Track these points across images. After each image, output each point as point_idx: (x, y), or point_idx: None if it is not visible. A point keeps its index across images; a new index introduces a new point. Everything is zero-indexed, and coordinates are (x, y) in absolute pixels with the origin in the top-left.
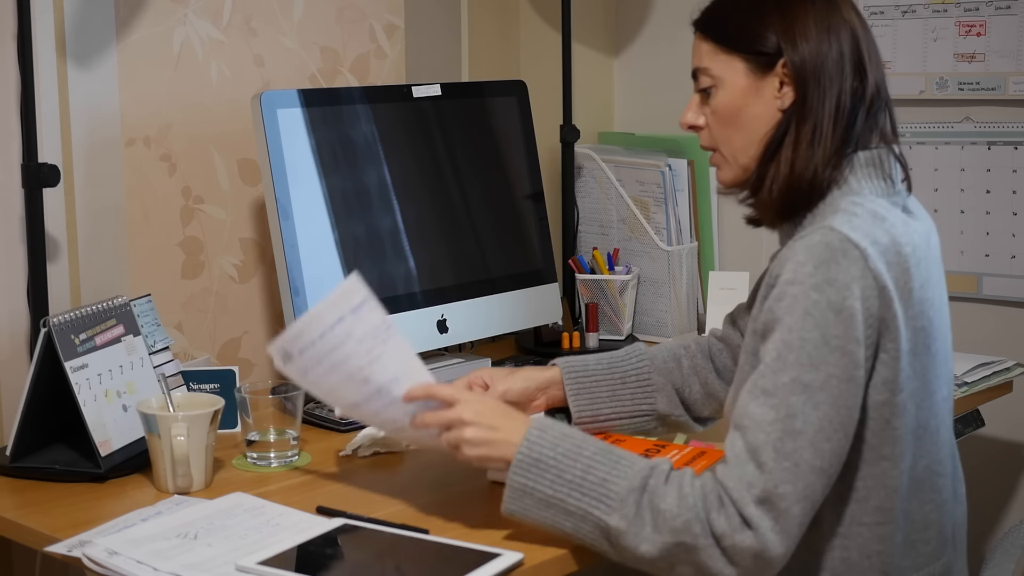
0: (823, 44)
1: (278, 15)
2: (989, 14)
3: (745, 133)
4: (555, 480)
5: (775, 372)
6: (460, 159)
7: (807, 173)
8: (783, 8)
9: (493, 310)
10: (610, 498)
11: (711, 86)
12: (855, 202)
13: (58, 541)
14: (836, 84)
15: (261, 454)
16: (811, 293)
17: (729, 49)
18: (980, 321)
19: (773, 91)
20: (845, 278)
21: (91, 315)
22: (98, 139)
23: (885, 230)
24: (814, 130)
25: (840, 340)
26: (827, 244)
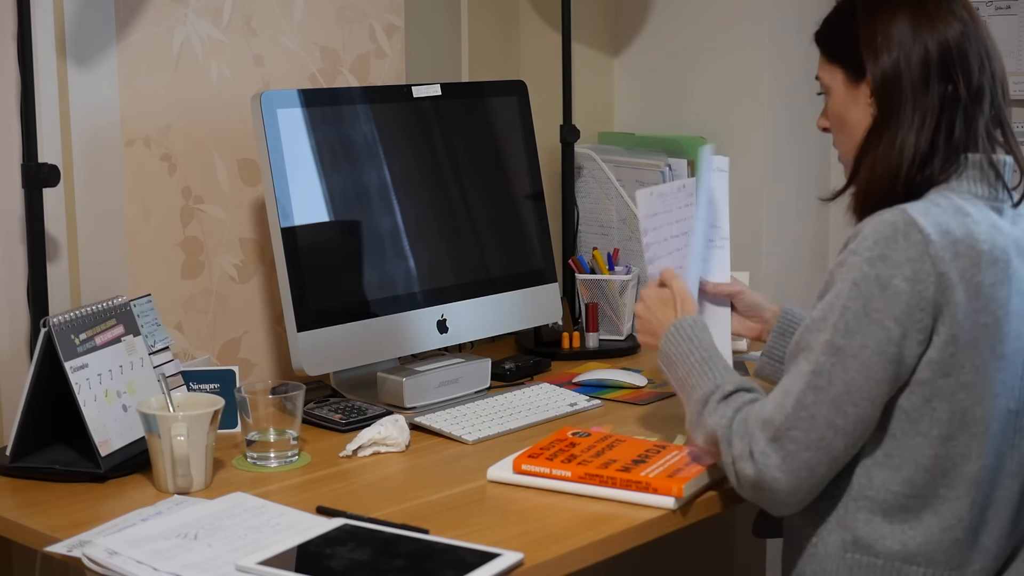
0: (906, 50)
1: (278, 15)
2: (989, 14)
3: (848, 137)
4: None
5: (814, 331)
6: (460, 159)
7: (888, 174)
8: (871, 20)
9: (493, 310)
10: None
11: (824, 93)
12: (944, 194)
13: (58, 541)
14: (920, 90)
15: (261, 454)
16: (863, 266)
17: (832, 60)
18: None
19: (866, 98)
20: (899, 258)
21: (91, 315)
22: (98, 139)
23: (963, 223)
24: (895, 136)
25: (880, 315)
26: (892, 223)
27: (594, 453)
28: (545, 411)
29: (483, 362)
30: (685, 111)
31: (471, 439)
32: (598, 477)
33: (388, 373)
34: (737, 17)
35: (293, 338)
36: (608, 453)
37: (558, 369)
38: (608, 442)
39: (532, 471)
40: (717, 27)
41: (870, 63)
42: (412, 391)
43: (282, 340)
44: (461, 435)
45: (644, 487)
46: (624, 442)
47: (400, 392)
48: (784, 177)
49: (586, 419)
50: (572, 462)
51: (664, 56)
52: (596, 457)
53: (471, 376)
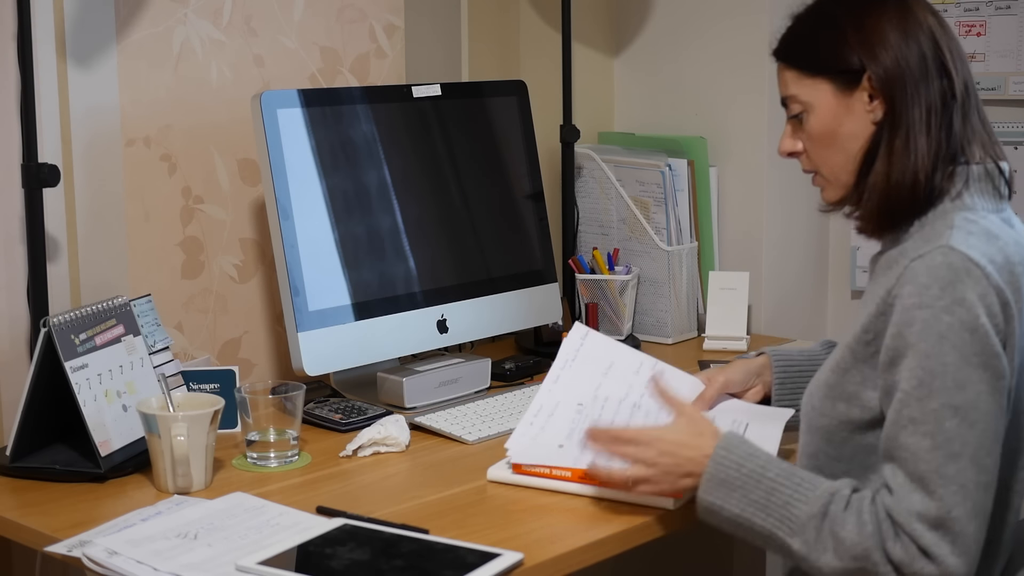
0: (903, 49)
1: (278, 15)
2: (989, 14)
3: (842, 152)
4: (741, 500)
5: (921, 400)
6: (460, 159)
7: (906, 180)
8: (858, 22)
9: (493, 310)
10: (792, 521)
11: (802, 112)
12: (968, 219)
13: (58, 541)
14: (923, 87)
15: (261, 454)
16: (943, 316)
17: (813, 73)
18: None
19: (863, 106)
20: (972, 296)
21: (91, 315)
22: (98, 139)
23: (999, 248)
24: (907, 137)
25: (980, 356)
26: (949, 265)
27: None
28: None
29: (483, 362)
30: (685, 111)
31: (471, 439)
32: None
33: (388, 373)
34: (737, 17)
35: (293, 338)
36: None
37: None
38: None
39: (532, 471)
40: (717, 27)
41: (870, 64)
42: (412, 391)
43: (282, 340)
44: (461, 435)
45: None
46: None
47: (400, 392)
48: (784, 177)
49: None
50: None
51: (664, 56)
52: None
53: (471, 376)
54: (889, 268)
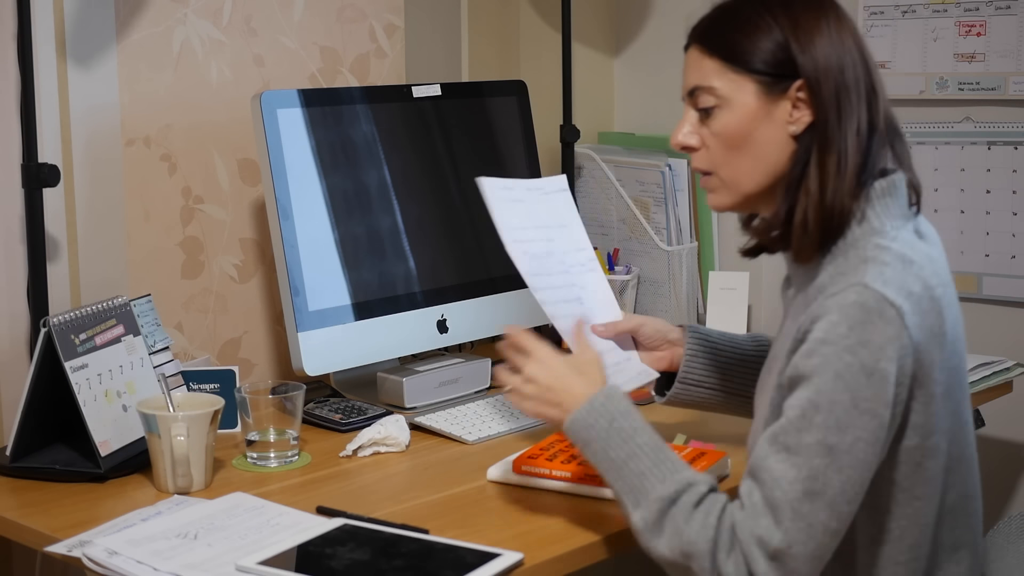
0: (839, 64)
1: (278, 15)
2: (989, 14)
3: (751, 158)
4: (599, 452)
5: (799, 431)
6: (460, 159)
7: (836, 204)
8: (796, 26)
9: (493, 310)
10: (640, 494)
11: (714, 106)
12: (881, 246)
13: (58, 541)
14: (855, 108)
15: (261, 454)
16: (844, 355)
17: (738, 68)
18: (980, 321)
19: (785, 115)
20: (880, 339)
21: (91, 315)
22: (98, 139)
23: (915, 275)
24: (839, 157)
25: (870, 403)
26: (862, 305)
27: None
28: None
29: (483, 362)
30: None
31: (471, 439)
32: (598, 478)
33: (388, 373)
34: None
35: (293, 338)
36: None
37: None
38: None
39: (532, 471)
40: None
41: (807, 74)
42: (412, 391)
43: (282, 340)
44: (461, 435)
45: None
46: None
47: (400, 392)
48: None
49: None
50: (572, 463)
51: (664, 56)
52: None
53: (471, 376)
54: (806, 306)
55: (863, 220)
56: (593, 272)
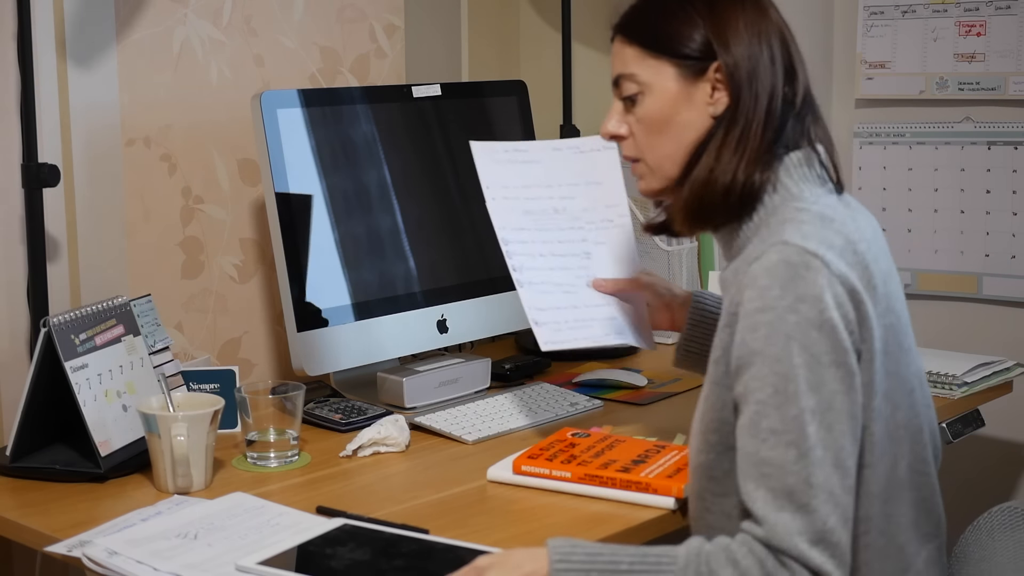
0: (755, 47)
1: (278, 15)
2: (989, 14)
3: (673, 141)
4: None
5: (779, 408)
6: (460, 159)
7: (724, 178)
8: (714, 12)
9: (493, 310)
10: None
11: (637, 93)
12: (799, 208)
13: (58, 541)
14: (768, 87)
15: (261, 454)
16: (787, 316)
17: (658, 54)
18: (980, 321)
19: (705, 97)
20: (815, 291)
21: (91, 315)
22: (98, 139)
23: (836, 231)
24: (741, 134)
25: (831, 355)
26: (786, 262)
27: (594, 453)
28: (545, 411)
29: (483, 362)
30: None
31: (471, 439)
32: (598, 478)
33: (388, 373)
34: None
35: (293, 338)
36: (608, 453)
37: (558, 369)
38: (608, 442)
39: (532, 472)
40: None
41: (722, 55)
42: (412, 391)
43: (282, 340)
44: (461, 435)
45: (644, 487)
46: (624, 442)
47: (400, 392)
48: None
49: (586, 419)
50: (572, 463)
51: None
52: (596, 457)
53: (471, 376)
54: (735, 279)
55: (778, 188)
56: (620, 228)
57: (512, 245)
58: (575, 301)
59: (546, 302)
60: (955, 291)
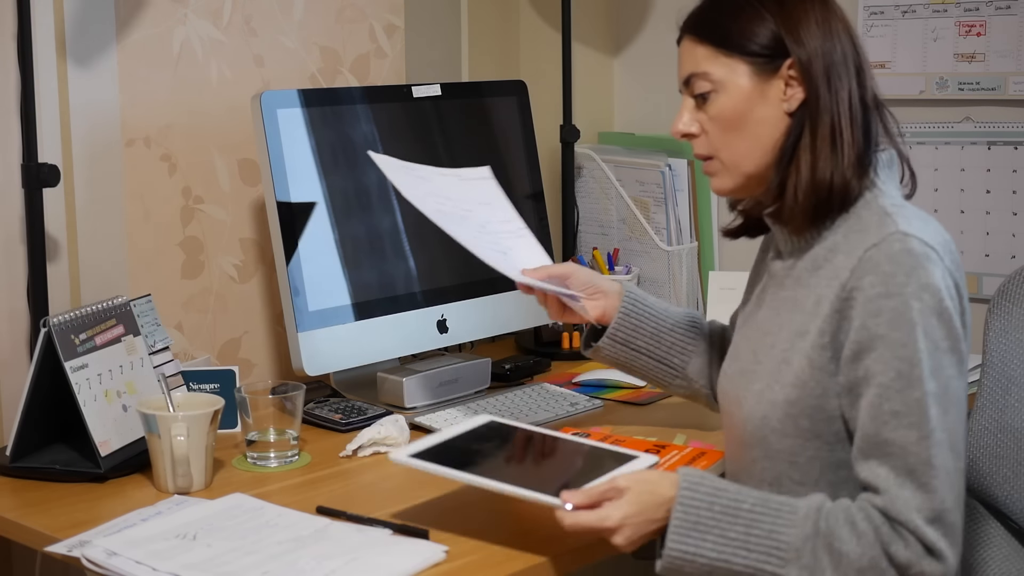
0: (827, 43)
1: (278, 15)
2: (989, 14)
3: (750, 138)
4: (718, 541)
5: (901, 391)
6: (460, 159)
7: (833, 177)
8: (784, 8)
9: (493, 310)
10: (782, 551)
11: (710, 91)
12: (896, 203)
13: (58, 541)
14: (845, 83)
15: (261, 454)
16: (912, 302)
17: (730, 52)
18: (980, 321)
19: (779, 93)
20: (936, 281)
21: (91, 315)
22: (98, 139)
23: (935, 229)
24: (832, 131)
25: (948, 341)
26: (909, 251)
27: None
28: (545, 411)
29: (483, 362)
30: None
31: None
32: None
33: (388, 373)
34: None
35: (293, 338)
36: None
37: (558, 369)
38: (608, 442)
39: None
40: None
41: (796, 50)
42: (412, 391)
43: (282, 340)
44: None
45: None
46: (624, 442)
47: (400, 392)
48: None
49: (586, 419)
50: None
51: (664, 56)
52: None
53: (471, 376)
54: (821, 267)
55: (873, 187)
56: (521, 238)
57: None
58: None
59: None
60: None
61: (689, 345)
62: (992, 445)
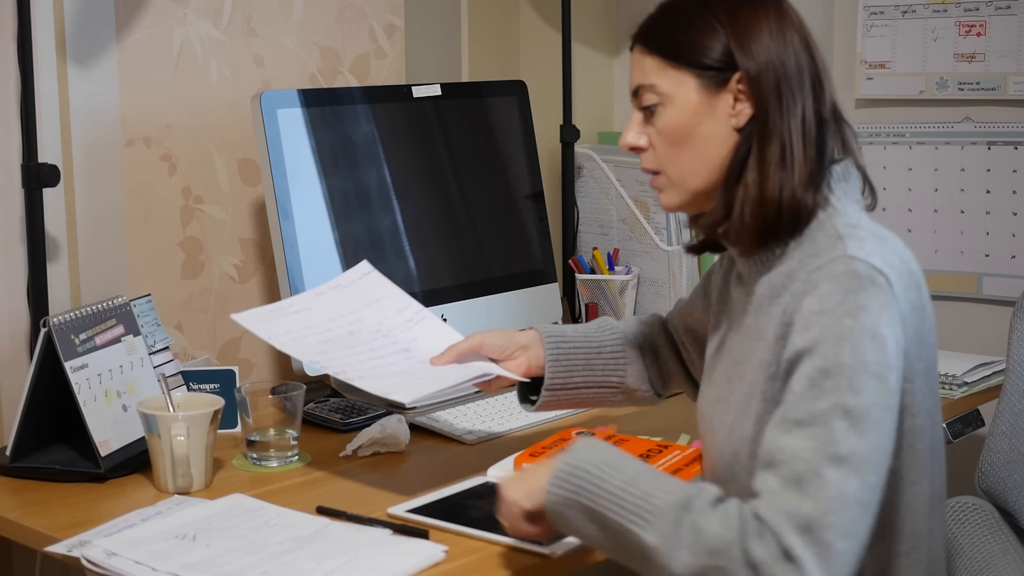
0: (779, 56)
1: (278, 15)
2: (989, 14)
3: (696, 154)
4: (596, 490)
5: (809, 401)
6: (460, 159)
7: (782, 195)
8: (735, 19)
9: (493, 310)
10: (649, 512)
11: (656, 104)
12: (851, 224)
13: (58, 541)
14: (799, 99)
15: (261, 454)
16: (844, 320)
17: (678, 64)
18: (980, 321)
19: (727, 108)
20: (876, 305)
21: (91, 315)
22: (98, 139)
23: (891, 250)
24: (782, 148)
25: (878, 367)
26: (852, 272)
27: None
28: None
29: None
30: None
31: (471, 439)
32: None
33: None
34: None
35: None
36: None
37: None
38: (612, 442)
39: None
40: None
41: (745, 64)
42: None
43: None
44: (461, 435)
45: None
46: (627, 442)
47: None
48: None
49: (590, 420)
50: None
51: None
52: None
53: None
54: (779, 295)
55: (827, 205)
56: (420, 323)
57: (327, 363)
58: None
59: (390, 380)
60: (955, 291)
61: (620, 359)
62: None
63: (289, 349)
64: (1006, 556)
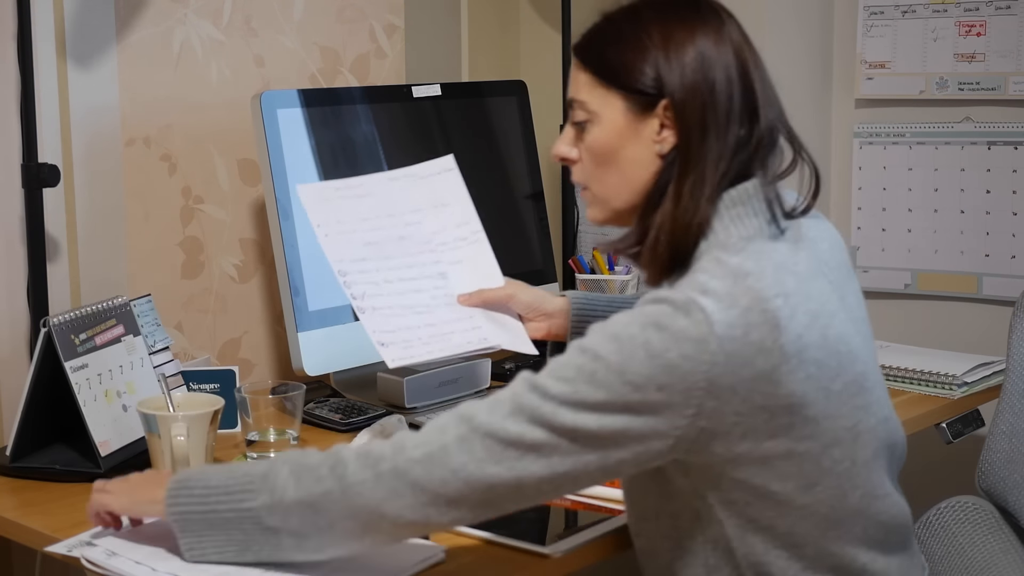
0: (709, 82)
1: (278, 15)
2: (989, 14)
3: (619, 176)
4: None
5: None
6: (460, 159)
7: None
8: (667, 40)
9: None
10: (250, 483)
11: (586, 120)
12: (719, 259)
13: (58, 541)
14: (723, 130)
15: (261, 454)
16: (630, 327)
17: (608, 83)
18: (980, 321)
19: (652, 134)
20: (678, 332)
21: (91, 315)
22: (98, 139)
23: (747, 288)
24: (701, 180)
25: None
26: (666, 298)
27: None
28: None
29: (483, 362)
30: None
31: None
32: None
33: (388, 373)
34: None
35: (293, 338)
36: None
37: None
38: None
39: None
40: None
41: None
42: (412, 391)
43: (282, 340)
44: None
45: None
46: None
47: (400, 392)
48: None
49: None
50: None
51: None
52: None
53: (471, 376)
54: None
55: (709, 233)
56: (476, 244)
57: (351, 276)
58: (431, 319)
59: (394, 324)
60: (955, 291)
61: None
62: (1007, 450)
63: (327, 246)
64: (1006, 556)
